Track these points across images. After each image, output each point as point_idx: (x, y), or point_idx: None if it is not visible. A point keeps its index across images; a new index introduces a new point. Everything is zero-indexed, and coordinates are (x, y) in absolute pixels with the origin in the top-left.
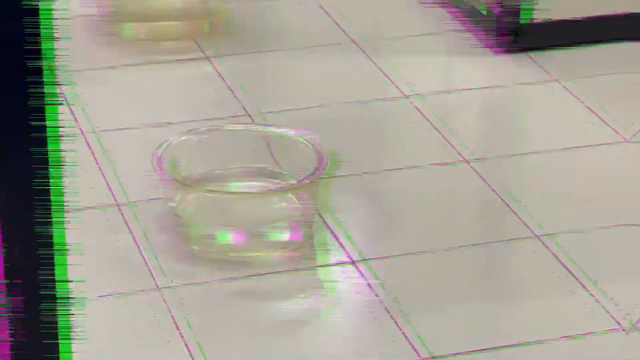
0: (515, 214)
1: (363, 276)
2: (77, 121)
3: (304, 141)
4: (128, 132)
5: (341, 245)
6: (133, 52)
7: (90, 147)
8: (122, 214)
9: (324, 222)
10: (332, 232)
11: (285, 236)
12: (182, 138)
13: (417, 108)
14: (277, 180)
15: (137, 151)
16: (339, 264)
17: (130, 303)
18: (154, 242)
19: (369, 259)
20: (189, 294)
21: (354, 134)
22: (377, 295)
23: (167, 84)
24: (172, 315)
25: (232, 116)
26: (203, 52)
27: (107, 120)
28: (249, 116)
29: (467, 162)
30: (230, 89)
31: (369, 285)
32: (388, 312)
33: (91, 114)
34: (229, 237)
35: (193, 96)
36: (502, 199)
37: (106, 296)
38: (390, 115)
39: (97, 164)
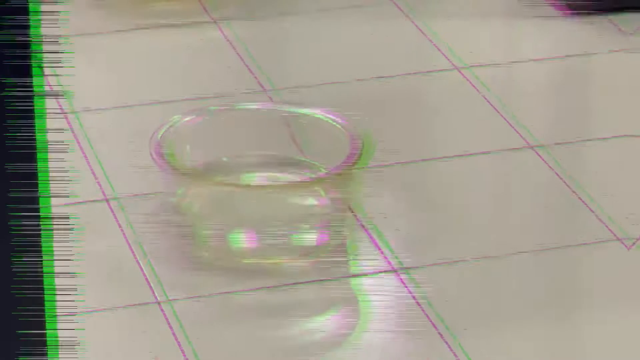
0: (592, 211)
1: (405, 287)
2: (56, 99)
3: (334, 123)
4: (118, 113)
5: (379, 250)
6: (123, 15)
7: (72, 130)
8: (112, 212)
9: (358, 222)
10: (368, 234)
11: (311, 239)
12: (186, 119)
13: (470, 83)
14: (301, 171)
15: (130, 135)
16: (376, 272)
17: (124, 320)
18: (151, 246)
19: (413, 267)
20: (195, 309)
21: (393, 114)
22: (422, 310)
23: (166, 53)
24: (174, 336)
25: (244, 93)
26: (208, 14)
27: (92, 98)
28: (266, 93)
29: (532, 148)
30: (242, 60)
31: (412, 298)
32: (436, 329)
33: (73, 90)
34: (243, 240)
35: (197, 68)
36: (575, 193)
37: (94, 312)
38: (436, 91)
39: (82, 151)
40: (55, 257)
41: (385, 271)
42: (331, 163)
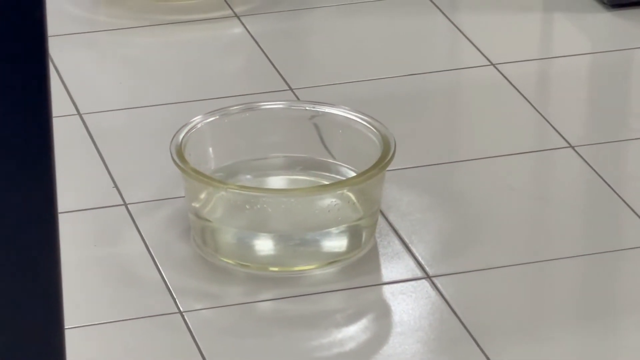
0: (636, 213)
1: (440, 295)
2: (72, 99)
3: (364, 123)
4: (136, 113)
5: (412, 255)
6: (140, 11)
7: (88, 132)
8: (132, 217)
9: (390, 226)
10: (400, 238)
11: (340, 245)
12: (208, 120)
13: (506, 79)
14: (329, 174)
15: (149, 137)
16: (409, 280)
17: (146, 330)
18: (172, 253)
19: (447, 274)
20: (219, 319)
21: (425, 113)
22: (459, 319)
23: (185, 50)
24: (198, 347)
25: (269, 91)
26: (231, 8)
27: (109, 98)
28: (292, 91)
29: (573, 147)
30: (267, 56)
31: (448, 306)
32: (473, 339)
33: (86, 90)
34: (269, 247)
35: (219, 66)
36: (617, 194)
37: (115, 322)
38: (471, 89)
39: (98, 153)
40: (69, 265)
41: (417, 278)
42: (361, 165)
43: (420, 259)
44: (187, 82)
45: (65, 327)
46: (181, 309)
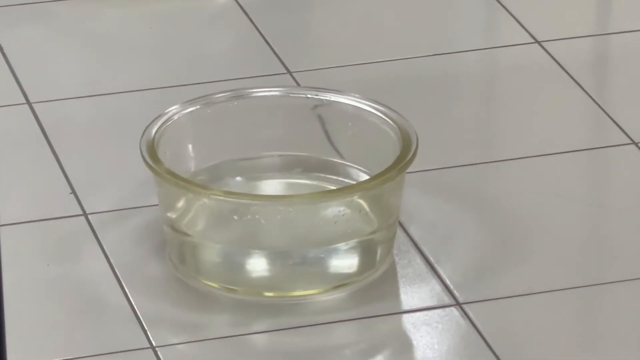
0: None
1: (473, 325)
2: (20, 85)
3: (379, 114)
4: (98, 102)
5: (438, 277)
6: None
7: (40, 125)
8: (93, 230)
9: (411, 241)
10: (423, 256)
11: (350, 265)
12: (187, 110)
13: (554, 59)
14: (336, 177)
15: (115, 132)
16: (435, 307)
17: None
18: (143, 274)
19: (481, 300)
20: (200, 355)
21: (457, 100)
22: (494, 355)
23: (160, 24)
24: None
25: (263, 75)
26: None
27: (67, 83)
28: (290, 75)
29: (636, 144)
30: (260, 32)
31: (482, 339)
32: None
33: (38, 74)
34: (263, 267)
35: (201, 43)
36: None
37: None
38: (510, 71)
39: (52, 151)
40: (15, 288)
41: (444, 306)
42: (375, 166)
43: (447, 281)
44: (162, 64)
45: None
46: (154, 343)
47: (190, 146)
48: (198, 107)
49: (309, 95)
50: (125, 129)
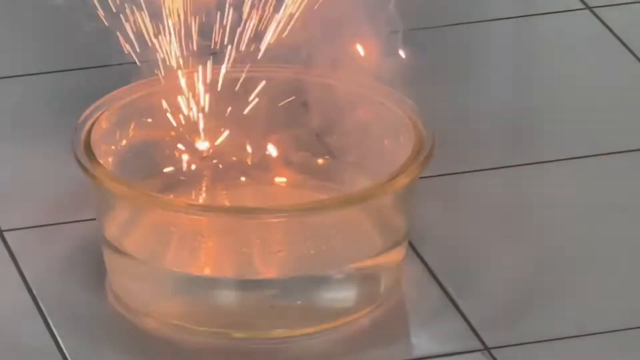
0: None
1: None
2: None
3: (384, 101)
4: (17, 84)
5: (460, 313)
6: None
7: None
8: (10, 252)
9: (425, 266)
10: (440, 286)
11: (347, 297)
12: (129, 99)
13: (608, 28)
14: (328, 182)
15: (38, 123)
16: (456, 353)
17: None
18: (76, 309)
19: (514, 344)
20: None
21: (483, 85)
22: None
23: None
24: None
25: (223, 49)
26: None
27: None
28: (264, 47)
29: None
30: None
31: None
32: None
33: None
34: (232, 299)
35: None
36: None
37: None
38: (554, 44)
39: None
40: None
41: (468, 351)
42: (378, 168)
43: (472, 320)
44: (103, 31)
45: None
46: None
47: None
48: (143, 93)
49: (292, 75)
50: (51, 118)
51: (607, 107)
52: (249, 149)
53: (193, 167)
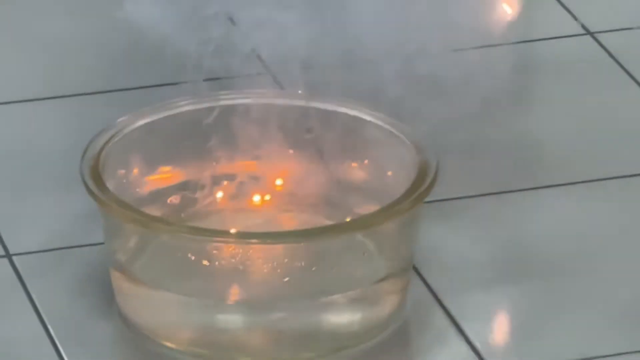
0: None
1: None
2: None
3: (388, 128)
4: (26, 110)
5: (465, 339)
6: None
7: None
8: (20, 277)
9: (431, 292)
10: (446, 312)
11: (350, 322)
12: (141, 122)
13: (608, 53)
14: (332, 209)
15: (47, 150)
16: None
17: None
18: (85, 334)
19: None
20: None
21: (488, 107)
22: None
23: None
24: None
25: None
26: None
27: None
28: (270, 74)
29: None
30: None
31: None
32: None
33: None
34: (238, 324)
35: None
36: None
37: None
38: (557, 68)
39: None
40: None
41: None
42: (384, 194)
43: (477, 345)
44: (112, 58)
45: None
46: None
47: (139, 168)
48: (156, 117)
49: (296, 103)
50: (61, 145)
51: (612, 130)
52: (257, 174)
53: (203, 189)
